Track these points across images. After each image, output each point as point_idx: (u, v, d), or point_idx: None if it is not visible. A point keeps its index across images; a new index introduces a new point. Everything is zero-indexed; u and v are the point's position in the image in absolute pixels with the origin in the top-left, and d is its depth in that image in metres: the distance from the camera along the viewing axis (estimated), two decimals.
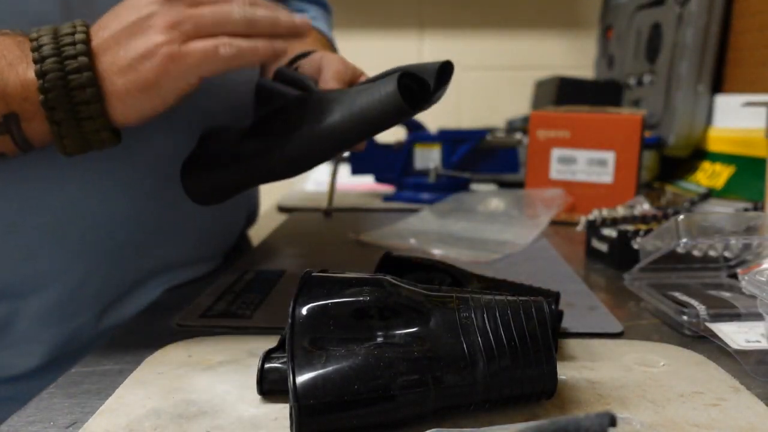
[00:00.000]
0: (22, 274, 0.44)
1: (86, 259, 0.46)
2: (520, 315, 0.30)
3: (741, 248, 0.50)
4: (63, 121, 0.37)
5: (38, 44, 0.37)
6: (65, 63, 0.36)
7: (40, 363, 0.47)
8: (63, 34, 0.37)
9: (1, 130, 0.37)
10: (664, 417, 0.30)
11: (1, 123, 0.37)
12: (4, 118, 0.37)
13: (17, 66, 0.36)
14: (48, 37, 0.37)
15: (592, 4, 1.51)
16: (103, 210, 0.45)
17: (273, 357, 0.32)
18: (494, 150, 0.96)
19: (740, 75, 1.00)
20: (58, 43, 0.37)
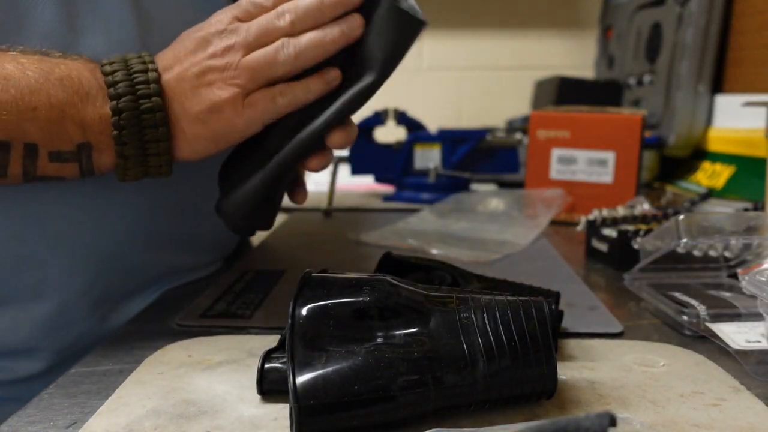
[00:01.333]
0: (26, 282, 0.44)
1: (89, 267, 0.46)
2: (520, 315, 0.30)
3: (741, 248, 0.50)
4: (132, 155, 0.39)
5: (113, 80, 0.38)
6: (140, 102, 0.38)
7: (44, 367, 0.47)
8: (135, 71, 0.38)
9: (72, 158, 0.38)
10: (664, 417, 0.30)
11: (74, 151, 0.38)
12: (78, 147, 0.38)
13: (95, 98, 0.38)
14: (121, 73, 0.38)
15: (592, 4, 1.51)
16: (106, 221, 0.45)
17: (273, 357, 0.32)
18: (494, 150, 0.96)
19: (740, 75, 1.00)
20: (132, 80, 0.38)
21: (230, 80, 0.39)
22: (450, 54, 1.59)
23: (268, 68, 0.39)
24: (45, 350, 0.47)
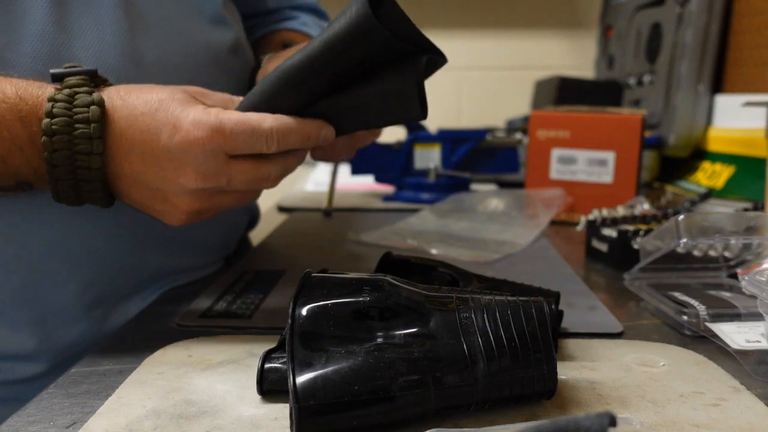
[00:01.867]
0: (21, 284, 0.44)
1: (84, 269, 0.46)
2: (520, 315, 0.30)
3: (741, 248, 0.50)
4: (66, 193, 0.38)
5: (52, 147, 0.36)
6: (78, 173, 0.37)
7: (43, 369, 0.47)
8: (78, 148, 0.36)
9: (12, 189, 0.39)
10: (664, 417, 0.30)
11: (14, 186, 0.39)
12: (18, 183, 0.39)
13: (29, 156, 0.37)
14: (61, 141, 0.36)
15: (592, 4, 1.51)
16: (100, 223, 0.45)
17: (273, 357, 0.32)
18: (494, 150, 0.96)
19: (740, 75, 1.00)
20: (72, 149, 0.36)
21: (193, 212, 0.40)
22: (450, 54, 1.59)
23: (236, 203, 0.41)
24: (44, 352, 0.46)
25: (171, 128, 0.36)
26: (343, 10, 0.35)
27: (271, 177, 0.39)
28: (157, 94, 0.37)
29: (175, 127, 0.36)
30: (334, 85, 0.38)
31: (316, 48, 0.36)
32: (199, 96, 0.39)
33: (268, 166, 0.39)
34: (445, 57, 0.39)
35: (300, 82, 0.38)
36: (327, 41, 0.36)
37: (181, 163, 0.37)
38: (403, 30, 0.36)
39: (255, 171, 0.38)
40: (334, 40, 0.35)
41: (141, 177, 0.38)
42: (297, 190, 1.07)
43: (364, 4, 0.34)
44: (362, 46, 0.36)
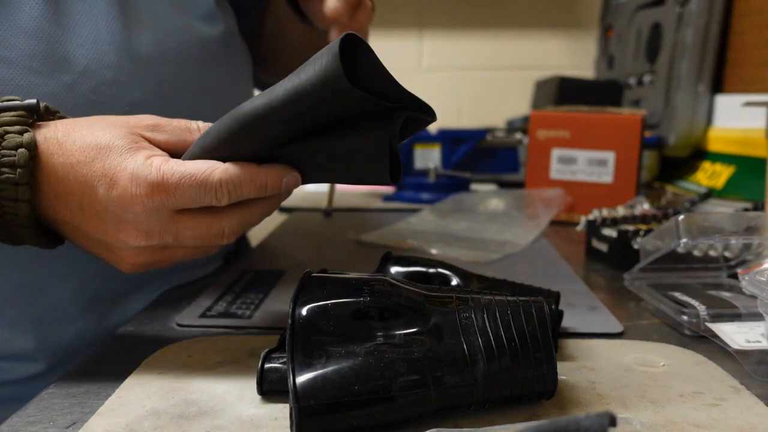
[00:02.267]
0: (19, 283, 0.44)
1: (82, 267, 0.46)
2: (520, 315, 0.30)
3: (741, 248, 0.50)
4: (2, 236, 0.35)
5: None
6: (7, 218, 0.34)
7: (42, 369, 0.47)
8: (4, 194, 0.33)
9: None
10: (664, 417, 0.30)
11: None
12: None
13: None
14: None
15: (592, 4, 1.51)
16: None
17: (273, 357, 0.32)
18: (494, 150, 0.96)
19: (740, 75, 1.00)
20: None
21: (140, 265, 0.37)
22: (450, 54, 1.59)
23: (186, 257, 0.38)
24: (42, 351, 0.46)
25: (108, 182, 0.33)
26: (313, 58, 0.31)
27: (225, 233, 0.35)
28: (96, 138, 0.34)
29: (112, 181, 0.33)
30: (300, 134, 0.34)
31: (280, 98, 0.31)
32: (149, 132, 0.36)
33: (221, 221, 0.35)
34: (433, 114, 0.34)
35: (260, 131, 0.33)
36: (292, 93, 0.31)
37: (121, 219, 0.34)
38: (382, 85, 0.32)
39: (206, 227, 0.35)
40: (300, 93, 0.31)
41: (82, 227, 0.35)
42: (297, 190, 1.07)
43: (335, 60, 0.29)
44: (331, 103, 0.31)
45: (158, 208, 0.33)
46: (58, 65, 0.42)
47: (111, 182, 0.33)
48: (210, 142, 0.34)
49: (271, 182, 0.35)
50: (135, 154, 0.33)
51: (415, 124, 0.35)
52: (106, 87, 0.43)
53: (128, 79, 0.44)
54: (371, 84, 0.31)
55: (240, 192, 0.34)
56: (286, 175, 0.35)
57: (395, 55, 1.56)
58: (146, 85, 0.46)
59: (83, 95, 0.43)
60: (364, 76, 0.31)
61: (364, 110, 0.32)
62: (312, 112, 0.32)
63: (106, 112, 0.43)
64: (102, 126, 0.34)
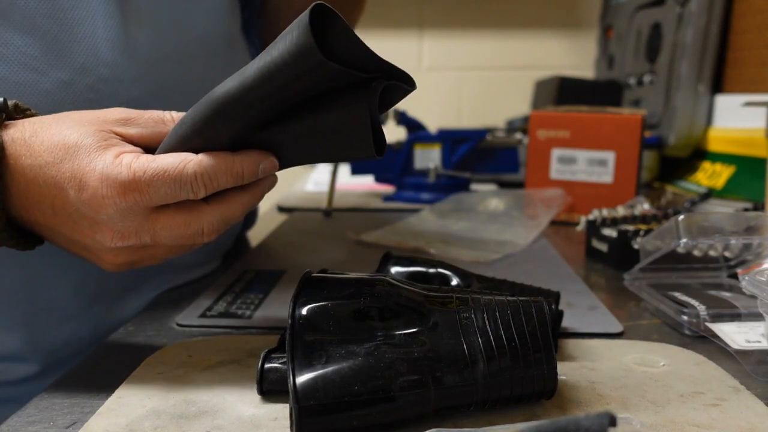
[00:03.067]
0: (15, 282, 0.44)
1: (79, 266, 0.46)
2: (520, 315, 0.30)
3: (741, 248, 0.50)
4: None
5: None
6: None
7: (38, 370, 0.47)
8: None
9: None
10: (664, 417, 0.30)
11: None
12: None
13: None
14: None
15: (592, 4, 1.51)
16: None
17: (273, 357, 0.32)
18: (494, 150, 0.96)
19: (740, 75, 1.00)
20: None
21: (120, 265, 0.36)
22: (450, 54, 1.59)
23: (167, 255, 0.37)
24: (35, 352, 0.46)
25: (78, 184, 0.32)
26: (283, 33, 0.29)
27: (205, 230, 0.34)
28: (64, 138, 0.32)
29: (81, 182, 0.32)
30: (277, 114, 0.33)
31: (252, 77, 0.30)
32: (120, 127, 0.34)
33: (199, 218, 0.34)
34: (412, 82, 0.33)
35: (235, 114, 0.32)
36: (264, 71, 0.30)
37: (95, 221, 0.33)
38: (356, 55, 0.30)
39: (184, 226, 0.34)
40: (273, 70, 0.29)
41: (57, 229, 0.34)
42: (297, 190, 1.07)
43: (306, 32, 0.28)
44: (305, 79, 0.30)
45: (132, 207, 0.32)
46: (55, 62, 0.41)
47: (81, 184, 0.32)
48: (185, 131, 0.33)
49: (247, 169, 0.33)
50: (104, 153, 0.32)
51: (395, 94, 0.34)
52: (104, 84, 0.43)
53: (126, 77, 0.44)
54: (345, 55, 0.30)
55: (216, 183, 0.33)
56: (262, 160, 0.34)
57: (395, 55, 1.56)
58: (145, 82, 0.45)
59: (80, 93, 0.42)
60: (337, 47, 0.29)
61: (340, 83, 0.31)
62: (286, 89, 0.30)
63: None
64: (70, 124, 0.33)
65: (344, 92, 0.32)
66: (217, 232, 0.35)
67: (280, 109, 0.32)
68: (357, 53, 0.30)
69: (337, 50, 0.29)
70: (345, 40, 0.30)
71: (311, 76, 0.30)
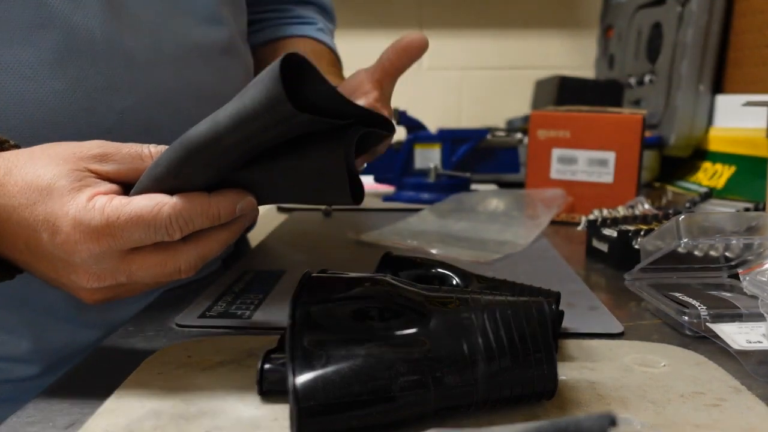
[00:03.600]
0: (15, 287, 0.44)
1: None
2: (520, 315, 0.30)
3: (742, 248, 0.50)
4: None
5: None
6: None
7: (38, 371, 0.47)
8: None
9: None
10: (664, 417, 0.30)
11: None
12: None
13: None
14: None
15: (593, 4, 1.51)
16: None
17: (273, 357, 0.32)
18: (494, 150, 0.96)
19: (741, 75, 1.00)
20: None
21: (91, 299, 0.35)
22: (450, 54, 1.59)
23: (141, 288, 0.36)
24: (38, 354, 0.46)
25: (51, 228, 0.31)
26: (254, 81, 0.29)
27: (182, 269, 0.34)
28: (38, 178, 0.32)
29: (54, 227, 0.31)
30: (253, 156, 0.32)
31: (224, 125, 0.30)
32: (96, 164, 0.33)
33: (176, 258, 0.33)
34: (392, 127, 0.33)
35: (208, 159, 0.31)
36: (236, 119, 0.29)
37: (69, 263, 0.32)
38: (331, 102, 0.30)
39: (161, 266, 0.33)
40: (245, 118, 0.29)
41: (34, 266, 0.34)
42: None
43: (276, 84, 0.27)
44: (278, 127, 0.30)
45: (106, 252, 0.32)
46: (51, 72, 0.41)
47: (53, 228, 0.31)
48: (160, 172, 0.32)
49: (224, 211, 0.33)
50: (77, 196, 0.31)
51: (373, 139, 0.34)
52: (99, 94, 0.43)
53: (122, 86, 0.44)
54: (320, 102, 0.30)
55: (192, 225, 0.33)
56: (239, 201, 0.34)
57: None
58: (140, 91, 0.45)
59: (76, 102, 0.42)
60: (311, 94, 0.29)
61: (316, 128, 0.31)
62: (259, 136, 0.30)
63: (98, 119, 0.43)
64: (45, 162, 0.32)
65: (321, 137, 0.32)
66: (195, 269, 0.35)
67: (256, 152, 0.32)
68: (332, 101, 0.30)
69: (312, 98, 0.29)
70: (319, 87, 0.29)
71: (284, 125, 0.29)
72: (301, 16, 0.68)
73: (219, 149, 0.31)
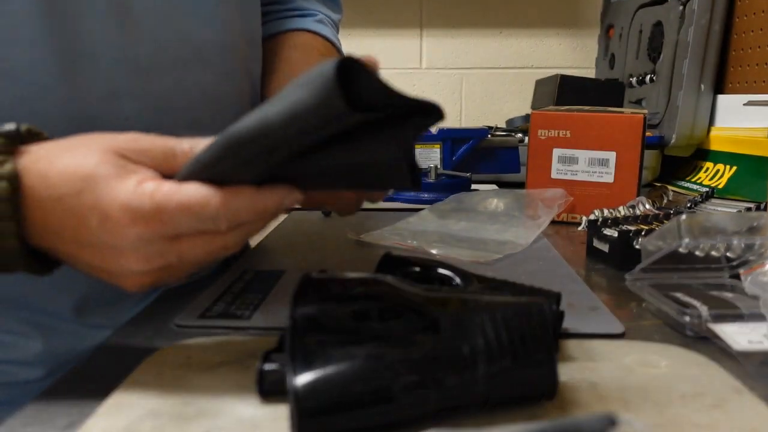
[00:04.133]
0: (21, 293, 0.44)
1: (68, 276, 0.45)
2: (520, 316, 0.30)
3: (743, 248, 0.50)
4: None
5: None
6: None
7: (43, 374, 0.47)
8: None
9: None
10: (665, 418, 0.30)
11: None
12: None
13: None
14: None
15: (594, 3, 1.50)
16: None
17: (273, 358, 0.32)
18: (495, 150, 0.95)
19: (742, 74, 1.00)
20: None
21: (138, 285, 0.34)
22: (450, 54, 1.59)
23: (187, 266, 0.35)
24: (44, 356, 0.46)
25: (99, 215, 0.31)
26: (306, 81, 0.29)
27: (229, 245, 0.34)
28: (81, 166, 0.32)
29: (103, 213, 0.31)
30: (304, 149, 0.32)
31: (274, 122, 0.30)
32: (135, 155, 0.33)
33: (224, 237, 0.34)
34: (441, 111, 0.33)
35: (256, 154, 0.31)
36: (287, 117, 0.29)
37: (118, 248, 0.32)
38: (384, 95, 0.30)
39: (208, 245, 0.34)
40: (296, 117, 0.29)
41: (79, 256, 0.34)
42: None
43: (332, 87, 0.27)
44: (332, 126, 0.30)
45: (155, 236, 0.32)
46: (56, 78, 0.41)
47: (102, 214, 0.31)
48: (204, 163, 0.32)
49: (271, 206, 0.34)
50: (124, 181, 0.31)
51: (421, 126, 0.34)
52: (103, 101, 0.42)
53: (125, 92, 0.44)
54: (371, 96, 0.29)
55: (239, 218, 0.33)
56: (286, 196, 0.34)
57: (395, 55, 1.56)
58: (143, 97, 0.45)
59: (80, 109, 0.42)
60: (363, 90, 0.29)
61: (368, 121, 0.31)
62: (311, 134, 0.30)
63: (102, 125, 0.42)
64: (84, 152, 0.32)
65: (375, 131, 0.32)
66: (240, 245, 0.35)
67: (307, 147, 0.32)
68: (385, 94, 0.30)
69: (364, 92, 0.29)
70: (371, 84, 0.29)
71: (337, 122, 0.30)
72: (301, 8, 0.68)
73: (267, 145, 0.31)
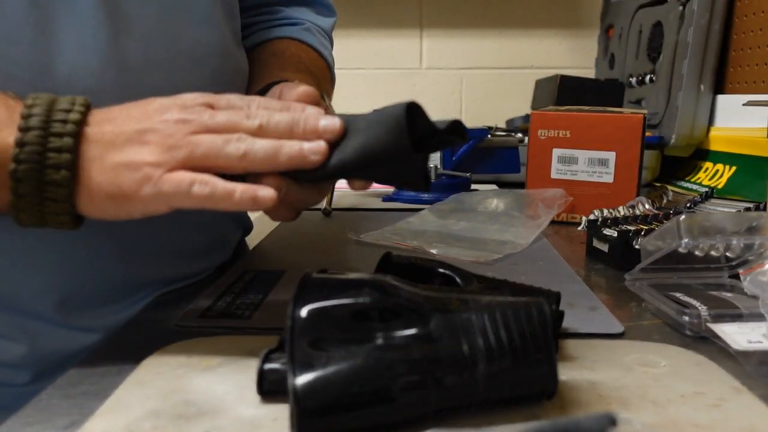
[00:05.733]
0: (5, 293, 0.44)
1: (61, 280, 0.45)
2: (520, 316, 0.30)
3: (743, 248, 0.50)
4: (26, 195, 0.34)
5: (29, 113, 0.35)
6: (49, 139, 0.34)
7: (29, 378, 0.46)
8: (58, 108, 0.35)
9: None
10: (665, 418, 0.30)
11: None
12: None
13: (2, 130, 0.34)
14: (41, 108, 0.35)
15: (593, 3, 1.51)
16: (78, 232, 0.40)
17: (273, 357, 0.32)
18: (495, 150, 0.95)
19: (742, 74, 1.00)
20: (49, 117, 0.35)
21: (166, 148, 0.35)
22: (450, 54, 1.59)
23: (209, 153, 0.36)
24: (29, 359, 0.46)
25: (148, 101, 0.38)
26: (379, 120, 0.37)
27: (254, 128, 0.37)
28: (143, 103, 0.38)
29: (152, 100, 0.38)
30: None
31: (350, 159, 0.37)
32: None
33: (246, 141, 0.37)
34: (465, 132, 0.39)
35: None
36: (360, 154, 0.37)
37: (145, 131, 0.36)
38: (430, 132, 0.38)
39: (239, 117, 0.37)
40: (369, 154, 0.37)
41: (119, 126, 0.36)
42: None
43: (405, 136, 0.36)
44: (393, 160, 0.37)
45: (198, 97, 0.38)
46: (41, 73, 0.40)
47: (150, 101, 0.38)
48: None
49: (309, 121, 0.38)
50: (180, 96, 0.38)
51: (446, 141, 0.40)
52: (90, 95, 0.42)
53: (113, 88, 0.43)
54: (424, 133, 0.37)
55: (274, 120, 0.37)
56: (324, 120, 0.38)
57: (395, 54, 1.56)
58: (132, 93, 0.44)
59: None
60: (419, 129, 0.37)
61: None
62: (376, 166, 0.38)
63: None
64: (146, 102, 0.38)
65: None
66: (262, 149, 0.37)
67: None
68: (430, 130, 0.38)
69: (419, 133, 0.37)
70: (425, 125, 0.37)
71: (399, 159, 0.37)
72: (289, 17, 0.67)
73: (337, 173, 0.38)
